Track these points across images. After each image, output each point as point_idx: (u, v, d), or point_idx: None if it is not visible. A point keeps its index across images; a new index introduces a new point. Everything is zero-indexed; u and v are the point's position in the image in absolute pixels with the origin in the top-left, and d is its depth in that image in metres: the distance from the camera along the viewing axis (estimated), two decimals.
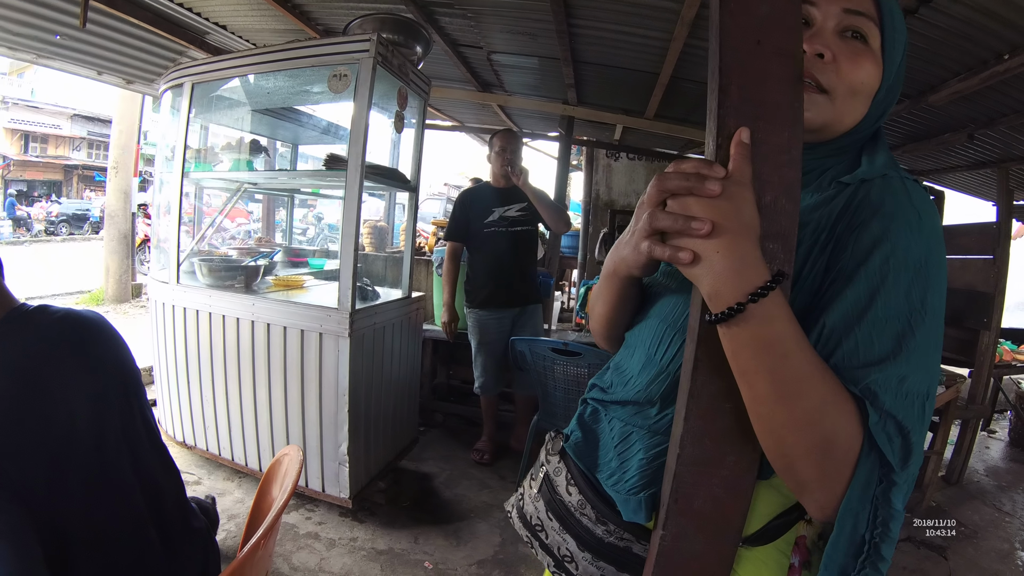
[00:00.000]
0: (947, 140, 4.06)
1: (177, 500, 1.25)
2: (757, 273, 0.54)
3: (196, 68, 2.86)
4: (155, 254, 3.54)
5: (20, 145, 23.07)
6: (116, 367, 1.16)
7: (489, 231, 3.25)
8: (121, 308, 6.89)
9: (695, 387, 0.61)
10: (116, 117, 7.08)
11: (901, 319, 0.58)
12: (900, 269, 0.60)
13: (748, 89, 0.59)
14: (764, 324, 0.54)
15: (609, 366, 0.90)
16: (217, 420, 2.88)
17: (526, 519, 0.87)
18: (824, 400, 0.55)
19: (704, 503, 0.63)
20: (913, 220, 0.62)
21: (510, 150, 3.24)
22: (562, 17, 2.95)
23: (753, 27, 0.59)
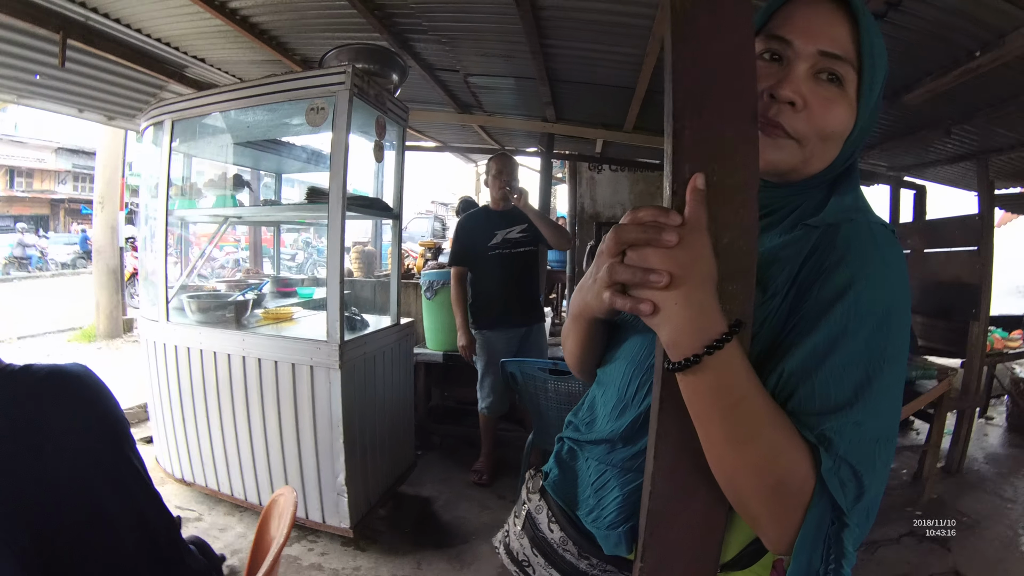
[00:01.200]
0: (925, 136, 4.12)
1: (171, 542, 1.26)
2: (714, 324, 0.55)
3: (175, 105, 2.88)
4: (144, 289, 3.54)
5: (5, 180, 23.00)
6: (103, 419, 1.18)
7: (493, 254, 3.31)
8: (114, 344, 6.85)
9: (663, 426, 0.62)
10: (100, 151, 7.07)
11: (860, 367, 0.59)
12: (862, 318, 0.60)
13: (702, 132, 0.59)
14: (719, 374, 0.55)
15: (584, 401, 0.92)
16: (215, 456, 2.87)
17: (513, 555, 0.89)
18: (775, 446, 0.56)
19: (680, 534, 0.64)
20: (878, 268, 0.63)
21: (507, 173, 3.31)
22: (535, 38, 2.99)
23: (706, 68, 0.59)
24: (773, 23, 0.71)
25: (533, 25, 2.83)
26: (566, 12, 2.77)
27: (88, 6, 2.94)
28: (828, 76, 0.68)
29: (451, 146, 6.41)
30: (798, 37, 0.68)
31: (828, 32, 0.67)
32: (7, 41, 3.16)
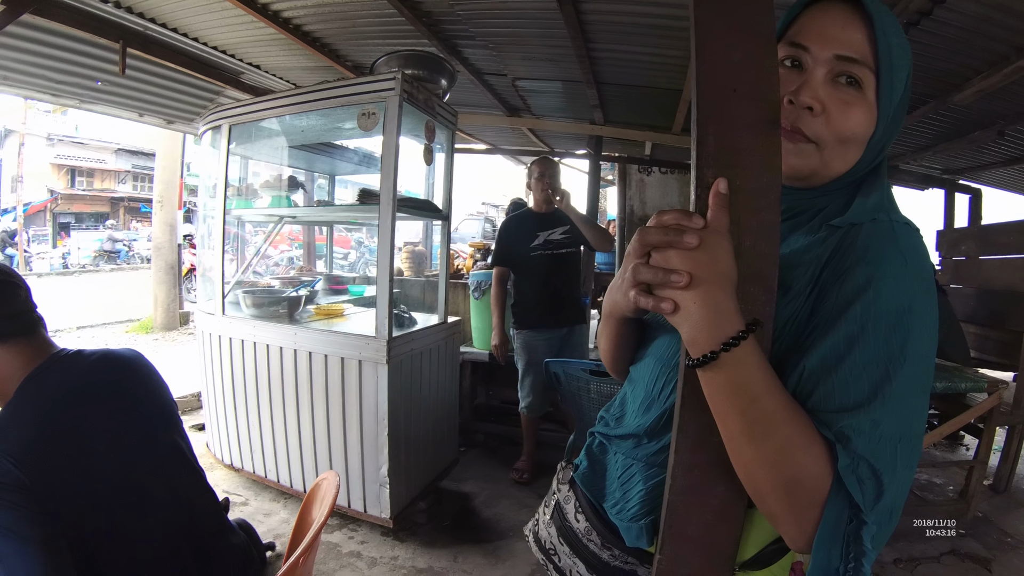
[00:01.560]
0: (978, 138, 4.00)
1: (214, 518, 1.34)
2: (731, 323, 0.58)
3: (232, 110, 3.02)
4: (201, 284, 3.71)
5: (67, 179, 24.06)
6: (150, 400, 1.29)
7: (535, 255, 3.36)
8: (170, 336, 7.17)
9: (683, 422, 0.65)
10: (159, 153, 7.42)
11: (879, 366, 0.59)
12: (881, 317, 0.61)
13: (724, 137, 0.61)
14: (736, 370, 0.58)
15: (616, 398, 0.95)
16: (263, 444, 3.00)
17: (541, 543, 0.94)
18: (791, 443, 0.57)
19: (697, 529, 0.66)
20: (898, 266, 0.63)
21: (548, 175, 3.35)
22: (580, 42, 3.03)
23: (728, 75, 0.61)
24: (792, 31, 0.73)
25: (577, 29, 2.87)
26: (609, 16, 2.80)
27: (146, 16, 3.11)
28: (846, 80, 0.69)
29: (501, 148, 6.49)
30: (814, 43, 0.70)
31: (843, 36, 0.69)
32: (70, 50, 3.36)
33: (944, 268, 5.42)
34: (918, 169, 5.55)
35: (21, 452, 1.01)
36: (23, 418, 1.08)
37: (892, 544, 2.78)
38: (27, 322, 1.18)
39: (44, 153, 22.95)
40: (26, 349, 1.16)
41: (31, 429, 1.07)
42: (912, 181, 5.80)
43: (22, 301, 1.18)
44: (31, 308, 1.20)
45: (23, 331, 1.17)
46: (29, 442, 1.04)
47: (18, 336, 1.16)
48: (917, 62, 2.84)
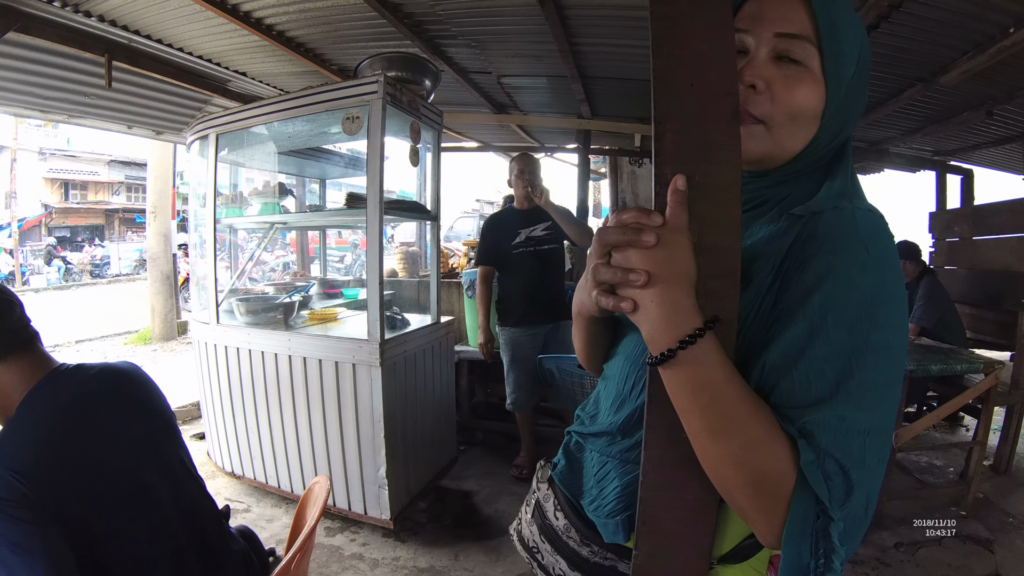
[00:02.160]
0: (967, 119, 4.00)
1: (215, 526, 1.35)
2: (688, 320, 0.57)
3: (219, 119, 3.02)
4: (195, 293, 3.72)
5: (60, 193, 24.05)
6: (150, 410, 1.30)
7: (517, 252, 3.36)
8: (168, 346, 7.17)
9: (651, 419, 0.65)
10: (151, 163, 7.41)
11: (841, 359, 0.58)
12: (842, 308, 0.59)
13: (683, 133, 0.61)
14: (695, 368, 0.58)
15: (591, 396, 0.95)
16: (262, 450, 3.01)
17: (524, 542, 0.94)
18: (754, 440, 0.57)
19: (672, 524, 0.67)
20: (859, 255, 0.62)
21: (528, 172, 3.35)
22: (563, 37, 3.03)
23: (686, 70, 0.61)
24: (736, 19, 0.71)
25: (559, 24, 2.87)
26: (590, 9, 2.80)
27: (131, 29, 3.11)
28: (789, 58, 0.69)
29: (492, 145, 6.50)
30: (754, 24, 0.70)
31: (781, 14, 0.69)
32: (56, 66, 3.36)
33: (938, 250, 5.44)
34: (908, 152, 5.56)
35: (26, 467, 1.02)
36: (26, 433, 1.09)
37: (893, 528, 2.79)
38: (24, 338, 1.19)
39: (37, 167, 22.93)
40: (25, 365, 1.16)
41: (34, 443, 1.07)
42: (903, 164, 5.80)
43: (16, 318, 1.18)
44: (26, 324, 1.21)
45: (20, 347, 1.17)
46: (33, 456, 1.05)
47: (16, 352, 1.16)
48: (902, 45, 2.87)
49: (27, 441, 1.07)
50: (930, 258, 5.46)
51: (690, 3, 0.62)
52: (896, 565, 2.54)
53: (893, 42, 2.85)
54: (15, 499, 0.98)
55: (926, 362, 2.89)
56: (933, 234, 5.52)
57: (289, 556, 1.16)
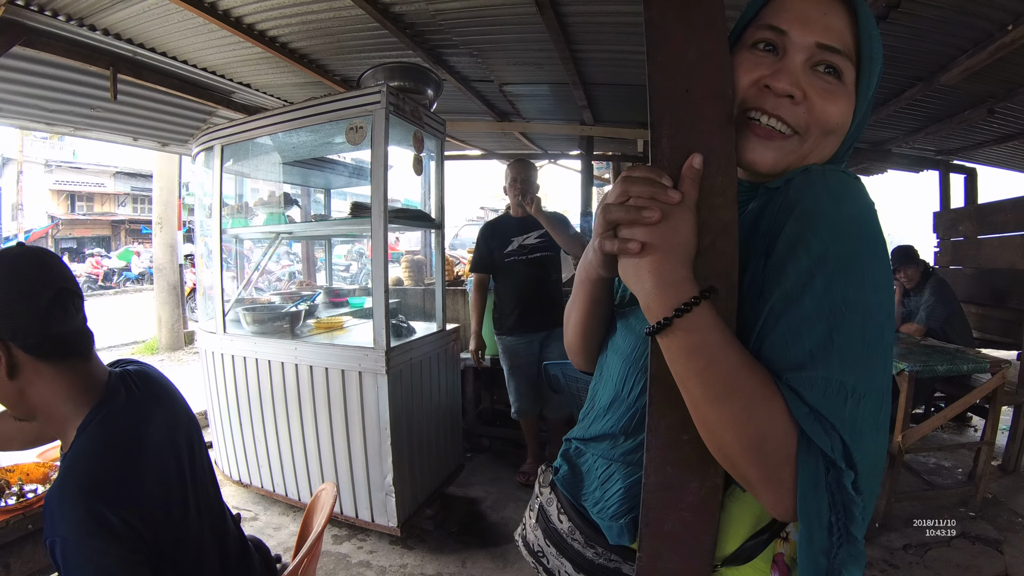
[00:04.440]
0: (968, 117, 4.00)
1: (237, 530, 1.34)
2: (684, 290, 0.59)
3: (223, 131, 3.05)
4: (201, 303, 3.74)
5: (67, 205, 24.20)
6: (185, 415, 1.27)
7: (510, 260, 3.36)
8: (175, 356, 7.20)
9: (653, 421, 0.66)
10: (156, 174, 7.46)
11: (818, 321, 0.57)
12: (815, 271, 0.58)
13: (678, 138, 0.62)
14: (691, 335, 0.58)
15: (588, 401, 0.94)
16: (269, 458, 3.03)
17: (529, 547, 0.95)
18: (753, 400, 0.56)
19: (674, 525, 0.67)
20: (830, 214, 0.60)
21: (521, 179, 3.33)
22: (563, 45, 3.06)
23: (682, 75, 0.62)
24: (767, 11, 0.69)
25: (559, 32, 2.90)
26: (589, 16, 2.82)
27: (135, 42, 3.16)
28: (825, 68, 0.67)
29: (496, 153, 6.53)
30: (794, 27, 0.67)
31: (826, 23, 0.66)
32: (62, 79, 3.41)
33: (942, 249, 5.42)
34: (911, 151, 5.55)
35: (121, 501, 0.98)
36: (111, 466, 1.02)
37: (901, 530, 2.79)
38: (86, 342, 1.11)
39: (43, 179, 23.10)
40: (82, 372, 1.08)
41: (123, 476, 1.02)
42: (906, 164, 5.80)
43: (82, 316, 1.10)
44: (85, 321, 1.12)
45: (81, 352, 1.09)
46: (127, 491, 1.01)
47: (74, 358, 1.08)
48: (902, 45, 2.88)
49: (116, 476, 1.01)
50: (935, 258, 5.44)
51: (682, 10, 0.63)
52: (905, 567, 2.53)
53: (892, 42, 2.86)
54: (123, 534, 0.95)
55: (932, 363, 2.88)
56: (937, 234, 5.51)
57: (296, 561, 1.16)
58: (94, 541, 0.92)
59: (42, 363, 1.03)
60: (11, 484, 1.53)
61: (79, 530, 0.92)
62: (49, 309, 1.04)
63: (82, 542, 0.92)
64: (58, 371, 1.05)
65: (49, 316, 1.03)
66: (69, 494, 0.95)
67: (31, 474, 1.60)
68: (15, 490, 1.51)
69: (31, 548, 1.46)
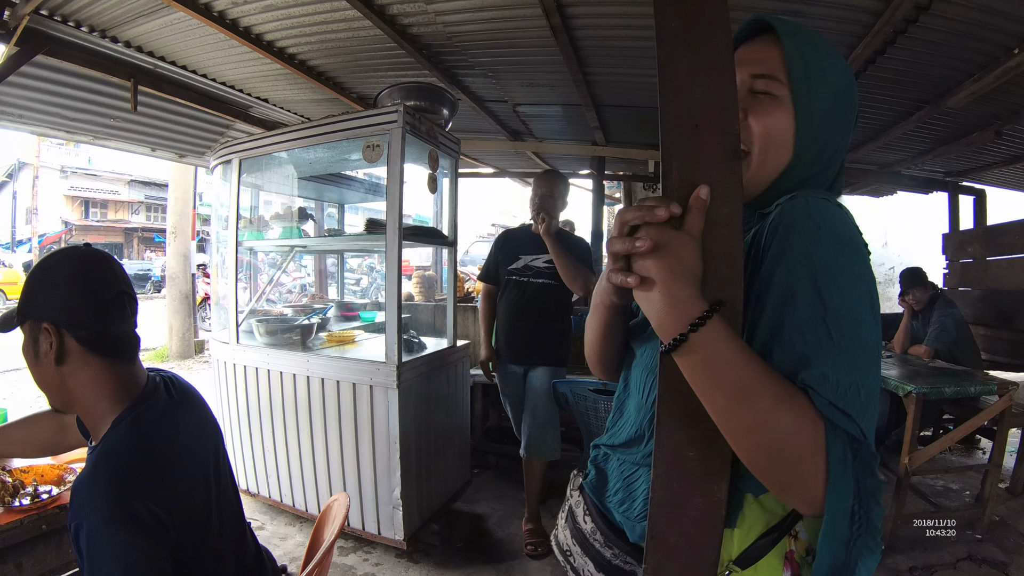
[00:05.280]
0: (976, 139, 4.02)
1: (252, 536, 1.36)
2: (694, 307, 0.61)
3: (242, 145, 3.12)
4: (215, 313, 3.80)
5: (81, 211, 24.52)
6: (213, 425, 1.30)
7: (511, 279, 3.09)
8: (185, 364, 7.28)
9: (660, 439, 0.69)
10: (172, 184, 7.58)
11: (812, 328, 0.63)
12: (799, 282, 0.65)
13: (687, 170, 0.65)
14: (708, 347, 0.61)
15: (615, 410, 1.00)
16: (278, 469, 3.06)
17: (560, 545, 1.02)
18: (778, 398, 0.60)
19: (678, 539, 0.70)
20: (810, 232, 0.68)
21: (540, 195, 3.04)
22: (576, 67, 3.11)
23: (690, 111, 0.65)
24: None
25: (572, 55, 2.95)
26: (602, 40, 2.88)
27: (156, 55, 3.23)
28: (763, 91, 0.79)
29: (508, 171, 6.59)
30: (739, 68, 0.79)
31: (755, 58, 0.81)
32: (83, 88, 3.50)
33: (951, 271, 5.42)
34: (920, 173, 5.57)
35: (150, 494, 1.00)
36: (144, 459, 1.05)
37: (907, 552, 2.78)
38: (134, 345, 1.16)
39: (58, 185, 23.43)
40: (125, 371, 1.12)
41: (157, 470, 1.05)
42: (915, 185, 5.81)
43: (134, 321, 1.15)
44: (136, 326, 1.17)
45: (129, 354, 1.14)
46: (156, 481, 1.03)
47: (121, 357, 1.12)
48: (909, 68, 2.92)
49: (147, 470, 1.04)
50: (944, 279, 5.44)
51: (689, 51, 0.67)
52: None
53: (899, 67, 2.90)
54: (154, 528, 0.97)
55: (940, 384, 2.88)
56: (947, 255, 5.51)
57: (306, 573, 1.18)
58: (120, 531, 0.93)
59: (91, 355, 1.07)
60: (25, 484, 1.53)
61: (107, 518, 0.93)
62: (108, 307, 1.09)
63: (109, 531, 0.93)
64: (104, 366, 1.09)
65: (107, 314, 1.09)
66: (100, 482, 0.97)
67: (46, 475, 1.61)
68: (29, 491, 1.52)
69: (43, 549, 1.47)
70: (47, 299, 1.07)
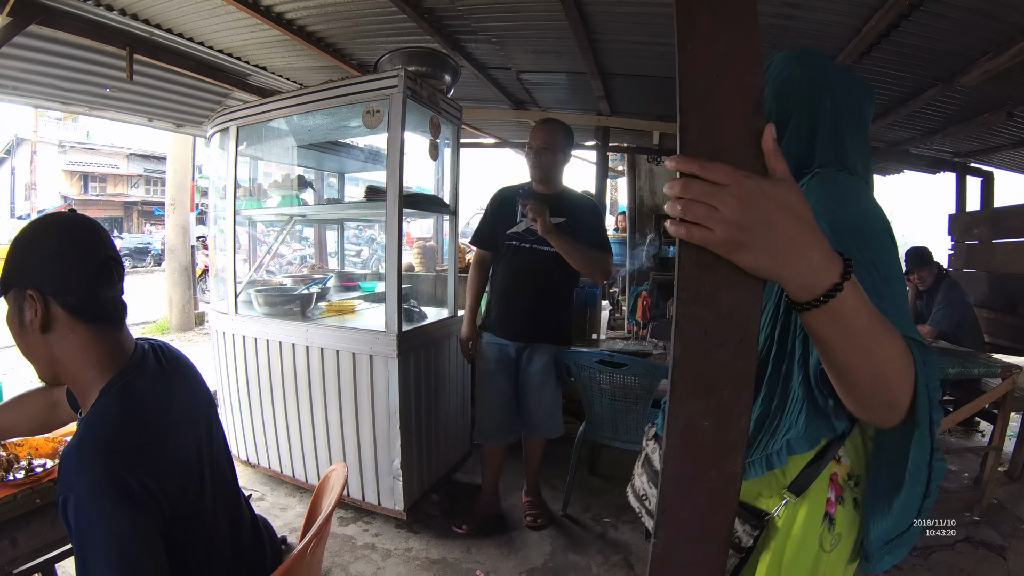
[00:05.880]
0: (987, 120, 3.96)
1: (247, 506, 1.34)
2: (830, 268, 0.60)
3: (239, 112, 3.06)
4: (214, 284, 3.77)
5: (80, 186, 24.40)
6: (205, 395, 1.27)
7: (511, 244, 2.69)
8: (185, 336, 7.27)
9: (672, 408, 0.65)
10: (170, 156, 7.51)
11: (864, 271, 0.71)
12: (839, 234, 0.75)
13: (707, 125, 0.61)
14: (858, 288, 0.62)
15: None
16: (278, 440, 3.05)
17: (636, 493, 1.12)
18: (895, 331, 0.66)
19: (690, 514, 0.67)
20: (831, 204, 0.80)
21: (536, 148, 2.66)
22: (582, 33, 3.05)
23: (711, 63, 0.61)
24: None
25: (579, 20, 2.89)
26: (609, 5, 2.82)
27: (152, 23, 3.16)
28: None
29: (510, 142, 6.53)
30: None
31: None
32: (77, 58, 3.43)
33: (956, 252, 5.39)
34: (928, 153, 5.51)
35: (139, 464, 0.98)
36: (133, 429, 1.02)
37: None
38: (121, 312, 1.13)
39: (56, 160, 23.29)
40: (112, 338, 1.10)
41: (143, 439, 1.02)
42: (922, 165, 5.75)
43: (120, 287, 1.13)
44: (122, 292, 1.14)
45: (116, 320, 1.11)
46: (146, 451, 1.01)
47: (108, 324, 1.09)
48: (922, 44, 2.85)
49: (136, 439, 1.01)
50: (949, 261, 5.40)
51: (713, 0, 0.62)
52: (908, 569, 2.52)
53: (913, 41, 2.84)
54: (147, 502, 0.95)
55: (943, 365, 2.85)
56: (952, 236, 5.47)
57: (304, 542, 1.15)
58: (108, 502, 0.91)
59: (77, 322, 1.05)
60: (20, 458, 1.53)
61: (95, 489, 0.91)
62: (95, 273, 1.07)
63: (96, 501, 0.90)
64: (91, 333, 1.06)
65: (94, 279, 1.07)
66: (87, 451, 0.95)
67: (40, 449, 1.60)
68: (23, 464, 1.51)
69: (38, 523, 1.46)
70: (31, 266, 1.04)
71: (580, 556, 2.60)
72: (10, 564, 1.44)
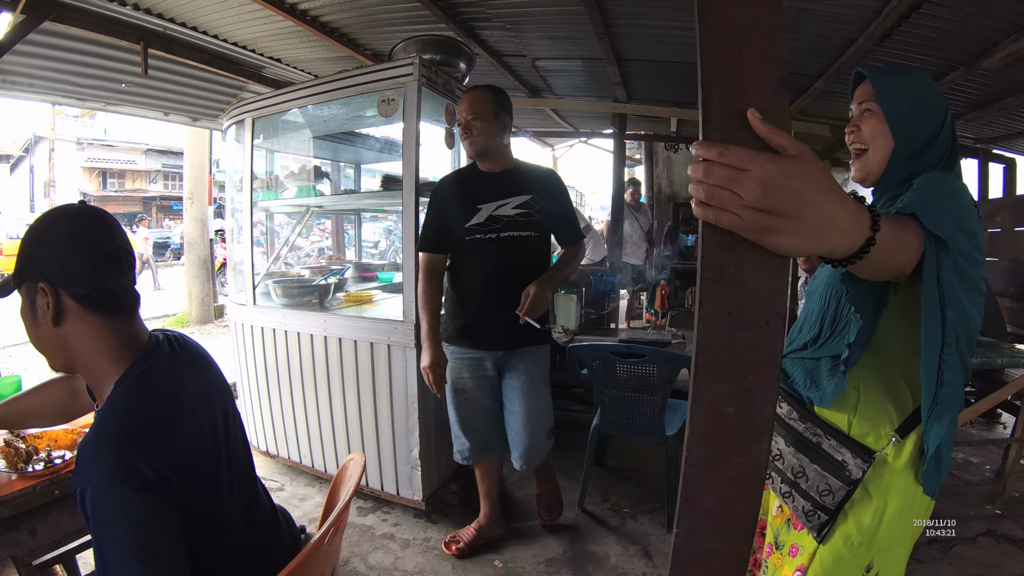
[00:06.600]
0: (1010, 105, 3.88)
1: (266, 494, 1.34)
2: (861, 220, 0.65)
3: (254, 104, 3.07)
4: (232, 277, 3.79)
5: (98, 182, 24.69)
6: (221, 384, 1.27)
7: (472, 239, 2.27)
8: (205, 329, 7.35)
9: (696, 392, 0.63)
10: (187, 150, 7.57)
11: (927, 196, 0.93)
12: (925, 188, 0.98)
13: (731, 99, 0.59)
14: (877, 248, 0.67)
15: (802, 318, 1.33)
16: (297, 430, 3.08)
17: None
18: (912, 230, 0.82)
19: (714, 502, 0.65)
20: (933, 182, 1.00)
21: (463, 121, 2.27)
22: (598, 18, 3.01)
23: (733, 36, 0.59)
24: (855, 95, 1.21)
25: (595, 5, 2.86)
26: None
27: (166, 17, 3.18)
28: (863, 112, 1.18)
29: (526, 131, 6.50)
30: (853, 101, 1.22)
31: (862, 93, 1.19)
32: (92, 54, 3.46)
33: None
34: None
35: (155, 452, 0.98)
36: (147, 416, 1.03)
37: None
38: (133, 301, 1.13)
39: (74, 157, 23.56)
40: (125, 328, 1.10)
41: (157, 424, 1.03)
42: None
43: (132, 276, 1.13)
44: (134, 282, 1.14)
45: (129, 310, 1.11)
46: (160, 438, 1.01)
47: (120, 314, 1.09)
48: (944, 26, 2.79)
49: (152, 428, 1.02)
50: None
51: None
52: (929, 562, 2.49)
53: (935, 23, 2.78)
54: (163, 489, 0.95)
55: None
56: None
57: (322, 531, 1.15)
58: (125, 490, 0.91)
59: (89, 313, 1.05)
60: (39, 450, 1.54)
61: (112, 478, 0.91)
62: (105, 263, 1.06)
63: (113, 491, 0.91)
64: (103, 323, 1.06)
65: (104, 269, 1.06)
66: (103, 442, 0.95)
67: (59, 440, 1.61)
68: (43, 456, 1.52)
69: (57, 514, 1.48)
70: (42, 258, 1.04)
71: (598, 546, 2.59)
72: (29, 555, 1.46)
